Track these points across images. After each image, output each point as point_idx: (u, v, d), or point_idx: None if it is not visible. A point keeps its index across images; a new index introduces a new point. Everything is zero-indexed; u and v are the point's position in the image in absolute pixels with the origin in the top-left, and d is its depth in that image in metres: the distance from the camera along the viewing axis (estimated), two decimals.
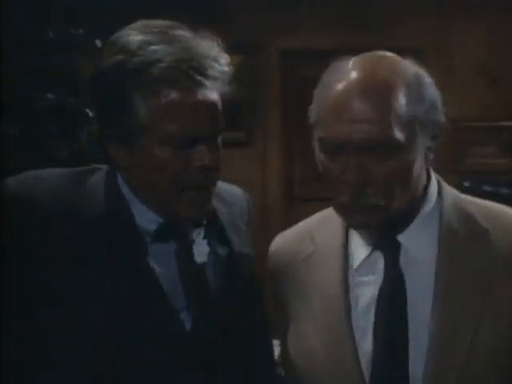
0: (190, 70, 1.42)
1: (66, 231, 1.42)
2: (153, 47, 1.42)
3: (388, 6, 5.50)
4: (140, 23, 1.47)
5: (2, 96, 3.44)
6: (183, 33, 1.46)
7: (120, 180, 1.50)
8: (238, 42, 5.55)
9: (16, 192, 1.45)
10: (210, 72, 1.46)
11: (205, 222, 1.52)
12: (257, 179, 5.34)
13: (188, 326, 1.46)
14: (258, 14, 5.56)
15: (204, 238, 1.53)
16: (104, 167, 1.53)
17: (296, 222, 1.69)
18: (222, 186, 1.61)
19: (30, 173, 1.50)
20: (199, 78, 1.43)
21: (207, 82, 1.45)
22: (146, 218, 1.48)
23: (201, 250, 1.52)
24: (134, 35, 1.44)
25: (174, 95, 1.42)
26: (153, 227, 1.47)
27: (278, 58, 5.50)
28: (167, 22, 1.48)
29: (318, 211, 1.63)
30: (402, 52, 1.40)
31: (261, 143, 5.61)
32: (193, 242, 1.51)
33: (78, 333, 1.40)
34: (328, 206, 1.50)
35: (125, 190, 1.49)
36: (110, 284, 1.42)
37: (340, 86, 1.37)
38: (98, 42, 3.87)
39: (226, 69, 1.50)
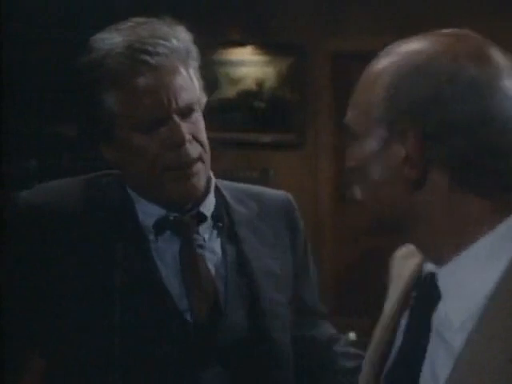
0: (135, 53, 1.46)
1: (76, 234, 1.48)
2: (108, 41, 1.49)
3: (439, 6, 5.45)
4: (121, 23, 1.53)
5: (58, 97, 3.48)
6: (143, 24, 1.50)
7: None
8: (290, 43, 5.56)
9: (28, 202, 1.53)
10: (153, 49, 1.47)
11: (208, 215, 1.53)
12: (308, 181, 5.33)
13: (190, 326, 1.48)
14: (309, 15, 5.54)
15: (217, 237, 1.55)
16: (116, 172, 1.58)
17: (347, 224, 1.67)
18: (257, 191, 1.66)
19: (42, 184, 1.60)
20: (145, 57, 1.45)
21: (153, 60, 1.46)
22: (149, 214, 1.51)
23: (213, 250, 1.54)
24: (98, 35, 1.52)
25: (129, 80, 1.47)
26: (153, 220, 1.51)
27: (329, 59, 5.48)
28: (142, 19, 1.52)
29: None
30: None
31: (312, 145, 5.59)
32: (203, 240, 1.53)
33: (86, 329, 1.44)
34: None
35: (129, 189, 1.54)
36: (117, 283, 1.45)
37: None
38: None
39: (175, 43, 1.50)
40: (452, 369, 1.08)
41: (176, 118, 1.48)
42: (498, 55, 1.11)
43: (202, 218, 1.55)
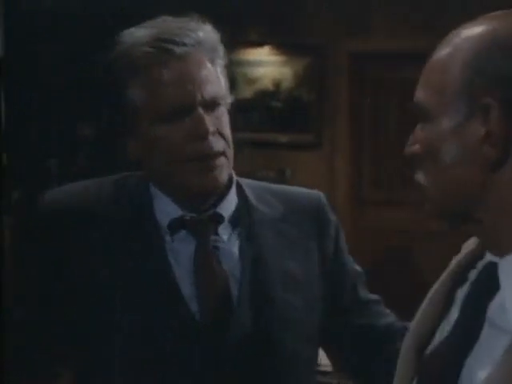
0: (161, 42, 1.46)
1: (97, 234, 1.50)
2: (135, 34, 1.50)
3: (456, 6, 5.43)
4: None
5: (77, 98, 3.50)
6: (169, 21, 1.52)
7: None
8: (306, 44, 5.56)
9: (52, 203, 1.55)
10: (180, 39, 1.47)
11: (225, 216, 1.53)
12: (325, 181, 5.32)
13: (200, 327, 1.49)
14: (326, 16, 5.54)
15: (237, 238, 1.54)
16: (139, 173, 1.59)
17: (364, 224, 1.67)
18: (286, 191, 1.64)
19: (67, 186, 1.61)
20: (170, 46, 1.46)
21: (179, 49, 1.47)
22: (166, 213, 1.52)
23: (230, 251, 1.53)
24: (130, 29, 1.52)
25: (154, 70, 1.47)
26: (168, 220, 1.51)
27: (347, 59, 5.47)
28: (170, 17, 1.53)
29: (386, 214, 1.59)
30: None
31: (329, 145, 5.59)
32: (221, 241, 1.53)
33: (105, 327, 1.47)
34: (396, 210, 1.47)
35: (152, 187, 1.54)
36: (132, 282, 1.47)
37: None
38: None
39: (201, 36, 1.50)
40: (501, 360, 1.04)
41: (200, 110, 1.47)
42: None
43: (219, 219, 1.53)
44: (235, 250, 1.53)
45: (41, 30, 3.64)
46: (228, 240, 1.53)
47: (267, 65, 5.33)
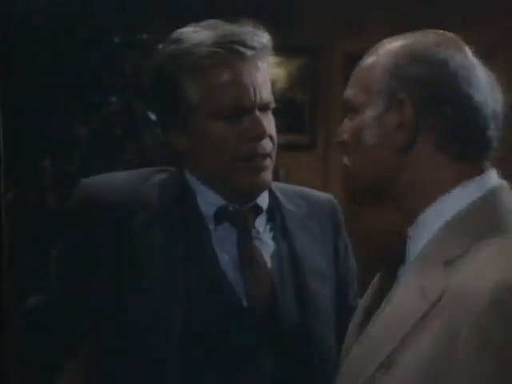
0: (231, 44, 1.54)
1: (138, 223, 1.54)
2: (198, 34, 1.56)
3: (452, 7, 5.45)
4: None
5: (70, 99, 3.50)
6: (227, 23, 1.59)
7: (186, 171, 1.61)
8: (301, 44, 5.57)
9: (93, 190, 1.59)
10: (250, 43, 1.56)
11: (264, 207, 1.61)
12: (319, 182, 5.33)
13: (245, 311, 1.55)
14: (322, 16, 5.55)
15: (271, 231, 1.62)
16: (171, 168, 1.65)
17: (358, 225, 1.73)
18: (304, 192, 1.75)
19: (104, 174, 1.65)
20: (241, 48, 1.54)
21: (249, 52, 1.55)
22: (210, 204, 1.58)
23: (267, 242, 1.61)
24: (186, 28, 1.59)
25: (219, 70, 1.54)
26: (214, 209, 1.58)
27: (342, 60, 5.48)
28: (219, 20, 1.61)
29: (380, 215, 1.65)
30: (473, 52, 1.40)
31: (324, 146, 5.60)
32: (258, 232, 1.60)
33: (151, 312, 1.51)
34: (390, 211, 1.50)
35: (191, 180, 1.60)
36: (180, 266, 1.52)
37: None
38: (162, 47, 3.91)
39: (265, 41, 1.59)
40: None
41: (257, 112, 1.56)
42: (468, 49, 1.37)
43: (258, 211, 1.62)
44: (271, 242, 1.62)
45: (35, 30, 3.64)
46: (263, 232, 1.62)
47: None
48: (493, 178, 1.33)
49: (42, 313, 1.62)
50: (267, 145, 1.59)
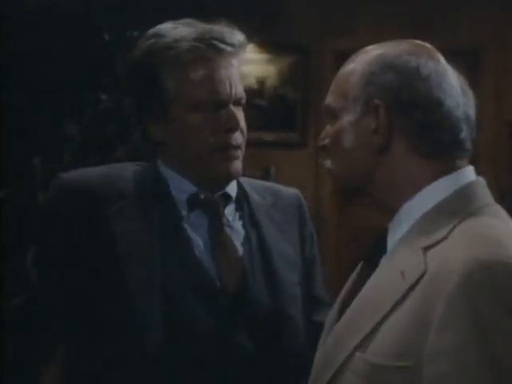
0: (211, 40, 1.63)
1: (113, 212, 1.61)
2: (178, 30, 1.64)
3: (442, 5, 5.46)
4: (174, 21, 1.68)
5: (60, 97, 3.49)
6: (203, 22, 1.67)
7: (159, 162, 1.69)
8: (292, 42, 5.57)
9: (68, 182, 1.65)
10: (229, 40, 1.64)
11: (233, 196, 1.70)
12: (310, 180, 5.34)
13: (219, 291, 1.62)
14: (311, 14, 5.55)
15: (240, 219, 1.71)
16: (144, 163, 1.73)
17: (348, 222, 1.77)
18: (270, 186, 1.85)
19: (80, 169, 1.72)
20: (220, 45, 1.63)
21: (228, 48, 1.64)
22: (183, 191, 1.66)
23: (237, 230, 1.70)
24: (164, 25, 1.67)
25: (198, 64, 1.63)
26: (186, 196, 1.66)
27: (332, 58, 5.49)
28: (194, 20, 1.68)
29: (371, 213, 1.66)
30: (461, 52, 1.43)
31: (314, 144, 5.61)
32: (228, 220, 1.68)
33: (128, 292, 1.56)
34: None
35: (164, 171, 1.68)
36: (157, 252, 1.59)
37: None
38: None
39: (241, 39, 1.67)
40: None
41: (232, 106, 1.65)
42: (441, 57, 1.44)
43: (228, 199, 1.71)
44: (241, 230, 1.71)
45: (25, 28, 3.63)
46: (233, 220, 1.70)
47: (252, 63, 5.33)
48: (469, 174, 1.41)
49: (21, 311, 1.65)
50: (239, 137, 1.67)
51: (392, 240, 1.41)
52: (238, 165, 1.67)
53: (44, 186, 3.54)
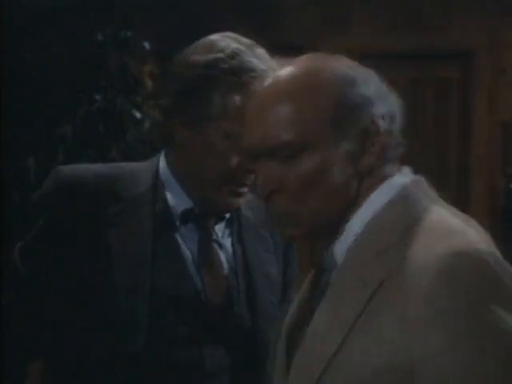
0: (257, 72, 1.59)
1: (110, 210, 1.61)
2: (248, 58, 1.61)
3: (437, 5, 5.47)
4: (229, 34, 1.66)
5: (54, 97, 3.48)
6: (263, 52, 1.65)
7: (161, 165, 1.68)
8: (286, 43, 5.57)
9: (70, 176, 1.64)
10: (259, 67, 1.60)
11: (227, 216, 1.69)
12: None
13: (203, 306, 1.64)
14: (310, 15, 5.56)
15: (229, 236, 1.71)
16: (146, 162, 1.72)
17: None
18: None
19: (81, 165, 1.74)
20: (256, 71, 1.59)
21: (258, 76, 1.58)
22: (179, 202, 1.65)
23: (225, 247, 1.70)
24: (229, 42, 1.63)
25: (246, 85, 1.57)
26: (181, 209, 1.65)
27: None
28: (249, 40, 1.67)
29: None
30: (454, 52, 1.42)
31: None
32: (217, 236, 1.68)
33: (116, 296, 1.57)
34: None
35: (163, 171, 1.67)
36: (147, 257, 1.60)
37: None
38: (147, 45, 3.91)
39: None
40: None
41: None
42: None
43: (221, 217, 1.70)
44: (228, 247, 1.71)
45: (18, 28, 3.63)
46: (221, 237, 1.70)
47: None
48: (407, 174, 1.36)
49: (7, 308, 1.65)
50: (250, 177, 1.63)
51: (340, 251, 1.32)
52: (241, 200, 1.66)
53: (38, 186, 3.53)
